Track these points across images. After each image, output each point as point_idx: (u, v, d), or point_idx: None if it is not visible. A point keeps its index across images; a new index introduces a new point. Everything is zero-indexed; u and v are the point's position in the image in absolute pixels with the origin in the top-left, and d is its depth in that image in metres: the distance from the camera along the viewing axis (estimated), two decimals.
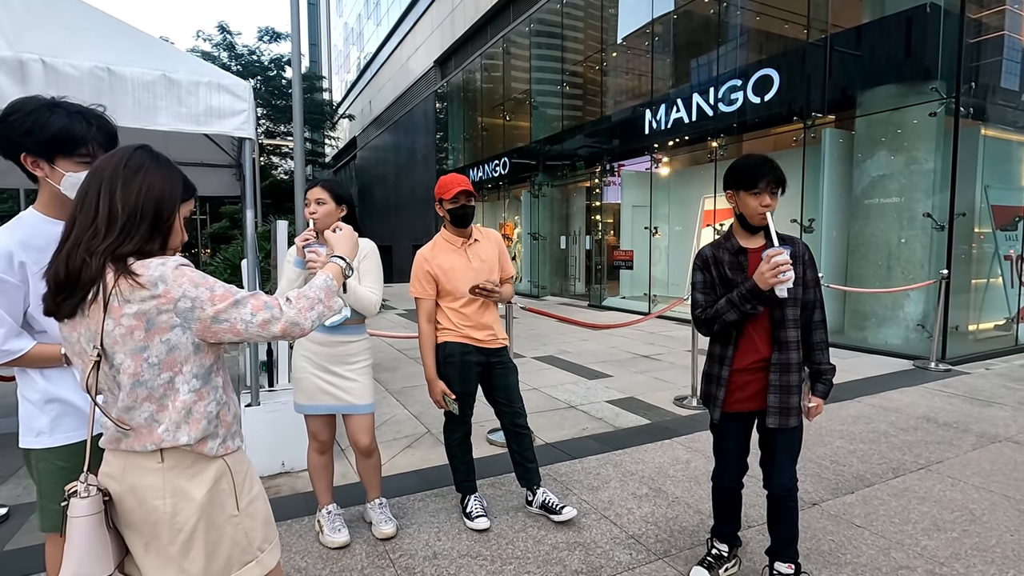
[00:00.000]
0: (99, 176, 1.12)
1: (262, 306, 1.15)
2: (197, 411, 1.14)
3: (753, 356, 1.94)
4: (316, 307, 1.21)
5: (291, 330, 1.17)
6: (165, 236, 1.17)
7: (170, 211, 1.17)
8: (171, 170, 1.19)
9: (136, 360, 1.09)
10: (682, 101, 9.21)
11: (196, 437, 1.14)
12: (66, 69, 2.56)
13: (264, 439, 3.19)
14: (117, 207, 1.10)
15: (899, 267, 6.46)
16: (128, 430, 1.12)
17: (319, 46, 48.25)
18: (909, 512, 2.68)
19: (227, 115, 2.98)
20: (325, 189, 2.37)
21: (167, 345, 1.10)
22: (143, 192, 1.12)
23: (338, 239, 1.45)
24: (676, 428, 3.90)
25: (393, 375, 5.67)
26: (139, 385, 1.10)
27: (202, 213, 32.68)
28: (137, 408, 1.11)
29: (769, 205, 1.86)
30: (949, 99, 6.00)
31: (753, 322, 1.93)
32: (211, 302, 1.11)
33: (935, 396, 4.65)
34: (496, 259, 2.63)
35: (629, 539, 2.46)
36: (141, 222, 1.12)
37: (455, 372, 2.53)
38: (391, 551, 2.37)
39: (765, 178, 1.84)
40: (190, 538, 1.13)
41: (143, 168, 1.14)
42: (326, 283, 1.27)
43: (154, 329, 1.09)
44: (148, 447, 1.12)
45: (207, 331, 1.12)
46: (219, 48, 25.95)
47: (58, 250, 1.11)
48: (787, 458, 1.99)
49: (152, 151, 1.18)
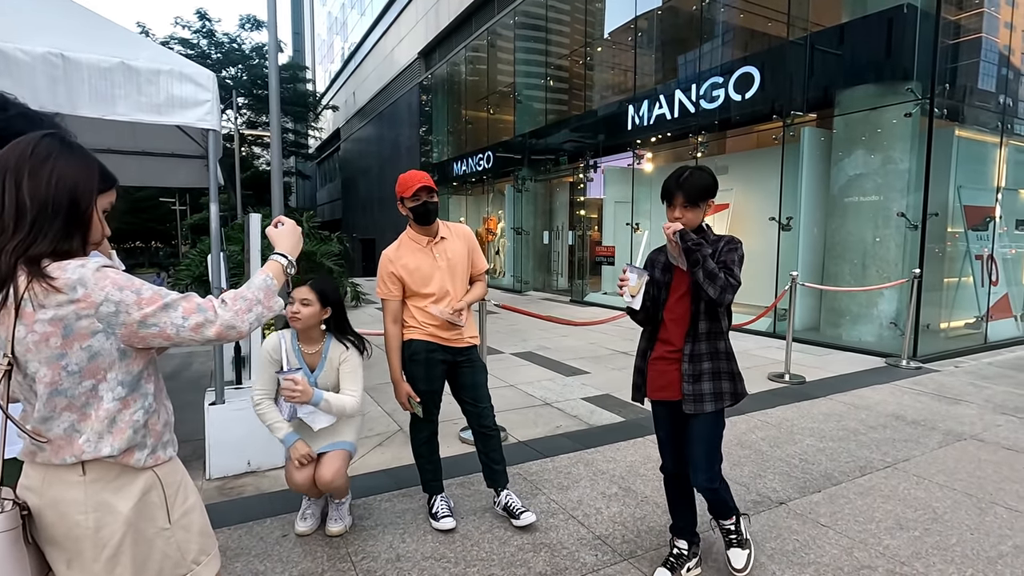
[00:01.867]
0: (3, 167, 1.02)
1: (195, 309, 1.08)
2: (122, 420, 1.08)
3: (667, 347, 2.08)
4: (255, 308, 1.15)
5: (227, 333, 1.11)
6: (84, 232, 1.08)
7: (87, 203, 1.08)
8: (85, 158, 1.09)
9: (53, 368, 1.02)
10: (665, 97, 9.21)
11: (120, 448, 1.07)
12: (16, 54, 2.45)
13: (229, 438, 3.13)
14: (25, 200, 1.01)
15: (874, 265, 6.54)
16: (44, 442, 1.05)
17: (302, 35, 47.52)
18: (874, 511, 2.70)
19: (190, 105, 2.88)
20: (313, 290, 2.32)
21: (88, 352, 1.03)
22: (53, 183, 1.03)
23: (279, 234, 1.36)
24: (650, 426, 3.86)
25: (369, 371, 5.58)
26: (57, 394, 1.03)
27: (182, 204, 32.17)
28: (56, 418, 1.05)
29: (679, 217, 2.00)
30: (924, 100, 6.07)
31: (672, 318, 2.07)
32: (137, 306, 1.04)
33: (905, 394, 4.72)
34: (465, 255, 2.57)
35: (596, 540, 2.45)
36: (54, 217, 1.03)
37: (420, 370, 2.49)
38: (353, 553, 2.33)
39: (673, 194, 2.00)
40: (115, 553, 1.08)
41: (51, 156, 1.04)
42: (265, 282, 1.20)
43: (72, 335, 1.02)
44: (68, 460, 1.05)
45: (134, 336, 1.06)
46: (198, 35, 25.43)
47: None
48: (701, 451, 2.04)
49: (63, 138, 1.08)
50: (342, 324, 2.44)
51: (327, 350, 2.41)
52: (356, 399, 2.36)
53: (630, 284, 1.99)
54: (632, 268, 2.02)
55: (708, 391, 2.00)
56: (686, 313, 2.04)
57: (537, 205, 13.92)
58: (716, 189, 2.04)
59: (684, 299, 2.04)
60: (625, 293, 2.00)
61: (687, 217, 2.00)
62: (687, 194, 1.98)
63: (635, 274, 2.01)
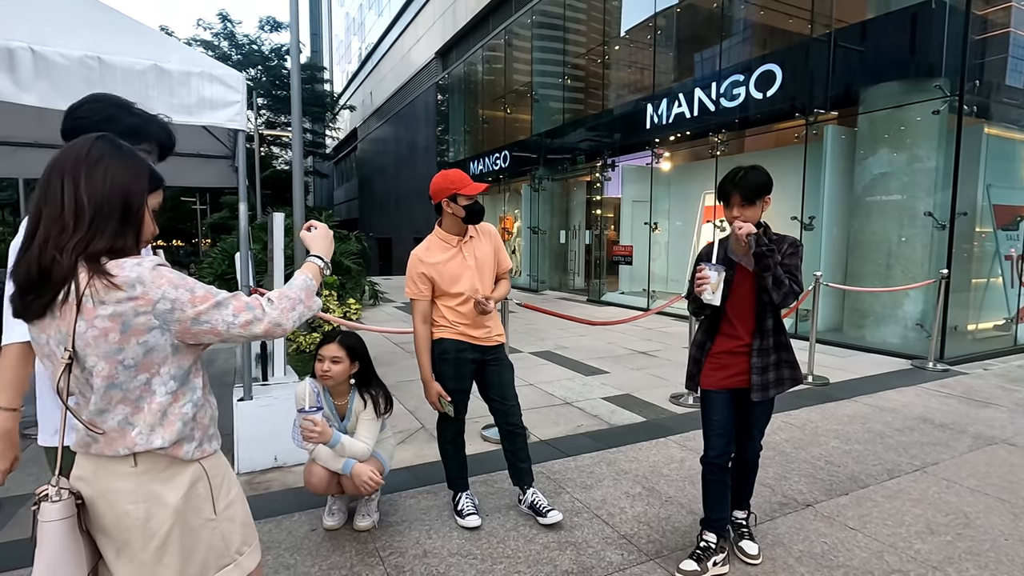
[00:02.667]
0: (60, 167, 1.06)
1: (244, 307, 1.12)
2: (172, 413, 1.11)
3: (733, 343, 2.19)
4: (297, 307, 1.19)
5: (273, 330, 1.15)
6: (137, 230, 1.13)
7: (139, 202, 1.12)
8: (135, 159, 1.14)
9: (110, 363, 1.05)
10: (684, 96, 9.14)
11: (171, 440, 1.11)
12: (55, 58, 2.52)
13: (257, 433, 3.18)
14: (83, 200, 1.05)
15: (899, 266, 6.43)
16: (99, 434, 1.08)
17: (320, 36, 47.96)
18: (903, 514, 2.66)
19: (220, 106, 2.94)
20: (343, 347, 2.36)
21: (144, 347, 1.07)
22: (108, 183, 1.07)
23: (313, 238, 1.41)
24: (671, 426, 3.89)
25: (389, 369, 5.65)
26: (113, 388, 1.07)
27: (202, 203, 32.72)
28: (111, 411, 1.08)
29: (738, 216, 2.10)
30: (952, 97, 5.95)
31: (738, 314, 2.17)
32: (191, 303, 1.08)
33: (932, 396, 4.64)
34: (492, 254, 2.59)
35: (621, 539, 2.45)
36: (110, 215, 1.07)
37: (450, 369, 2.51)
38: (381, 549, 2.36)
39: (730, 194, 2.12)
40: (163, 544, 1.11)
41: (105, 157, 1.09)
42: (306, 283, 1.25)
43: (130, 331, 1.05)
44: (120, 451, 1.09)
45: (187, 332, 1.10)
46: (219, 37, 25.82)
47: (24, 247, 1.06)
48: (760, 426, 2.28)
49: (114, 140, 1.13)
50: (368, 378, 2.50)
51: (352, 401, 2.48)
52: (368, 447, 2.41)
53: (711, 282, 2.05)
54: (711, 266, 2.07)
55: (773, 379, 2.16)
56: (751, 309, 2.14)
57: (554, 204, 13.90)
58: (771, 186, 2.11)
59: (748, 295, 2.14)
60: (706, 291, 2.05)
61: (745, 215, 2.09)
62: (743, 193, 2.07)
63: (715, 272, 2.06)
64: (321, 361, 2.35)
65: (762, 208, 2.13)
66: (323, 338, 2.42)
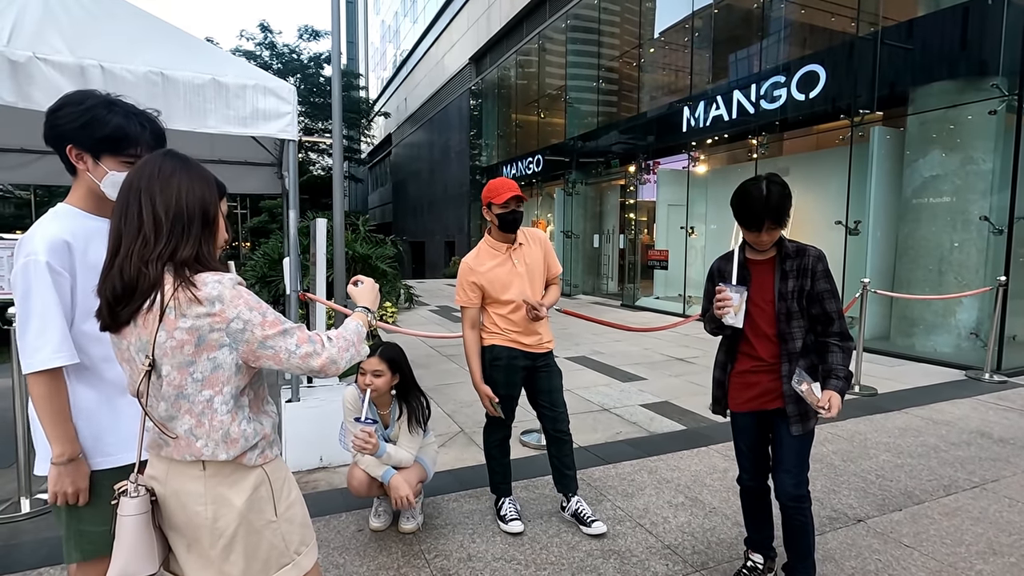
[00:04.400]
0: (136, 187, 1.13)
1: (307, 339, 1.19)
2: (234, 431, 1.16)
3: (753, 362, 2.02)
4: (350, 349, 1.26)
5: (329, 367, 1.20)
6: (213, 235, 1.20)
7: (214, 210, 1.19)
8: (202, 171, 1.20)
9: (182, 373, 1.11)
10: (722, 98, 8.99)
11: (235, 454, 1.16)
12: (123, 74, 2.66)
13: (303, 434, 3.27)
14: (160, 213, 1.11)
15: (951, 272, 6.17)
16: (172, 438, 1.15)
17: (356, 44, 48.98)
18: (962, 533, 2.56)
19: (272, 117, 3.05)
20: (383, 360, 2.42)
21: (213, 363, 1.12)
22: (183, 196, 1.14)
23: (360, 292, 1.50)
24: (712, 435, 3.82)
25: (426, 371, 5.72)
26: (182, 398, 1.13)
27: (242, 208, 33.75)
28: (178, 419, 1.14)
29: (766, 240, 1.93)
30: (1011, 96, 5.68)
31: (756, 332, 1.99)
32: (262, 327, 1.13)
33: (989, 409, 4.43)
34: (542, 260, 2.59)
35: (665, 549, 2.42)
36: (190, 225, 1.13)
37: (501, 375, 2.52)
38: (426, 551, 2.39)
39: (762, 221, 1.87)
40: (230, 543, 1.16)
41: (176, 172, 1.15)
42: (358, 329, 1.32)
43: (204, 345, 1.10)
44: (188, 457, 1.15)
45: (251, 354, 1.15)
46: (261, 47, 26.63)
47: (107, 265, 1.12)
48: (792, 460, 1.96)
49: (180, 155, 1.19)
50: (408, 388, 2.55)
51: (394, 410, 2.54)
52: (412, 456, 2.47)
53: (734, 304, 1.93)
54: (731, 287, 1.96)
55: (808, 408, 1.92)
56: (771, 330, 1.97)
57: (587, 208, 13.84)
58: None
59: (761, 315, 1.97)
60: (728, 313, 1.94)
61: (772, 236, 1.92)
62: (776, 217, 1.87)
63: (737, 294, 1.95)
64: (363, 375, 2.40)
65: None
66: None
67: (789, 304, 1.92)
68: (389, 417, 2.54)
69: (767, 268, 1.97)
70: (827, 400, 1.84)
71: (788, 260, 1.95)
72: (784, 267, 1.95)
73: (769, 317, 1.95)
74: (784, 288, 1.93)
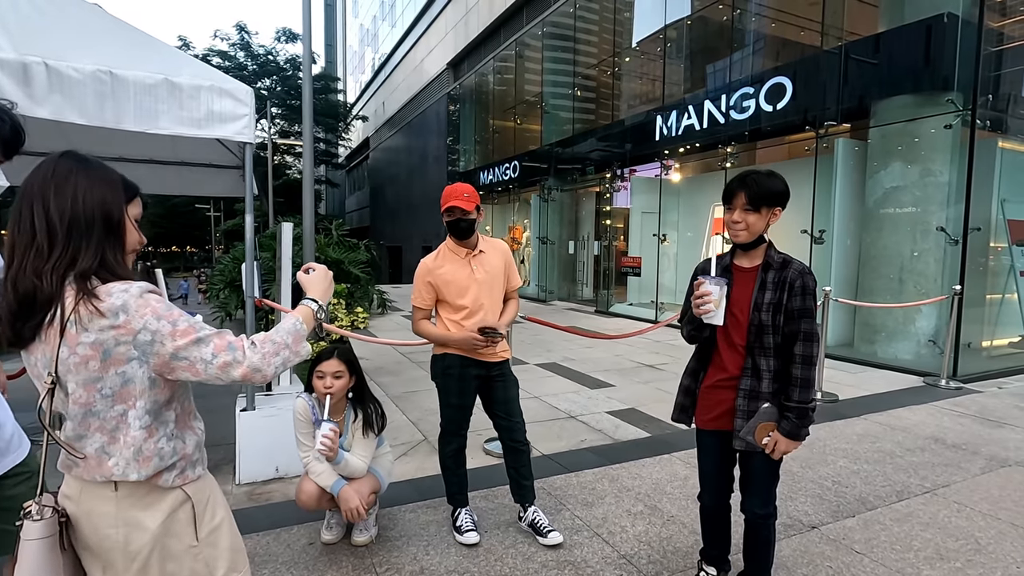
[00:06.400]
0: (28, 193, 1.05)
1: (225, 347, 1.08)
2: (147, 449, 1.09)
3: (721, 374, 1.93)
4: (281, 352, 1.14)
5: (252, 376, 1.10)
6: (120, 242, 1.11)
7: (118, 214, 1.10)
8: (105, 171, 1.11)
9: (89, 390, 1.05)
10: (694, 107, 9.13)
11: (147, 474, 1.10)
12: (69, 72, 2.57)
13: (258, 444, 3.19)
14: (55, 220, 1.03)
15: (911, 280, 6.34)
16: (80, 458, 1.08)
17: (334, 47, 48.61)
18: (912, 539, 2.60)
19: (229, 119, 2.98)
20: (343, 362, 2.37)
21: (122, 378, 1.06)
22: (81, 198, 1.05)
23: (311, 280, 1.35)
24: (676, 443, 3.84)
25: (396, 379, 5.65)
26: (91, 415, 1.06)
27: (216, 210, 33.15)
28: (88, 437, 1.08)
29: (738, 221, 1.84)
30: (965, 111, 5.88)
31: (728, 342, 1.91)
32: (172, 337, 1.05)
33: (944, 415, 4.55)
34: (501, 271, 2.57)
35: (621, 559, 2.41)
36: (88, 231, 1.05)
37: (454, 384, 2.50)
38: (378, 564, 2.34)
39: (734, 193, 1.85)
40: (144, 566, 1.11)
41: (72, 173, 1.07)
42: (295, 327, 1.18)
43: (110, 360, 1.04)
44: (98, 478, 1.09)
45: (165, 366, 1.07)
46: (236, 48, 26.25)
47: (3, 279, 1.05)
48: (761, 483, 1.93)
49: (79, 156, 1.10)
50: (362, 391, 2.50)
51: (348, 417, 2.48)
52: (365, 465, 2.42)
53: (714, 298, 1.77)
54: (711, 279, 1.80)
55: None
56: (742, 341, 1.87)
57: (563, 214, 13.91)
58: (785, 198, 1.85)
59: (739, 326, 1.87)
60: (709, 309, 1.78)
61: (747, 221, 1.82)
62: (750, 195, 1.79)
63: (717, 287, 1.79)
64: (322, 377, 2.33)
65: (768, 220, 1.84)
66: (319, 354, 2.40)
67: (763, 317, 1.82)
68: (344, 423, 2.48)
69: (750, 277, 1.88)
70: (772, 444, 1.83)
71: (771, 271, 1.85)
72: (765, 277, 1.85)
73: (742, 329, 1.86)
74: (760, 299, 1.83)
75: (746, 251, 1.92)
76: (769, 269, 1.86)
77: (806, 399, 1.82)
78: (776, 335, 1.83)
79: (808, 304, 1.82)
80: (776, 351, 1.85)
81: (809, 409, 1.83)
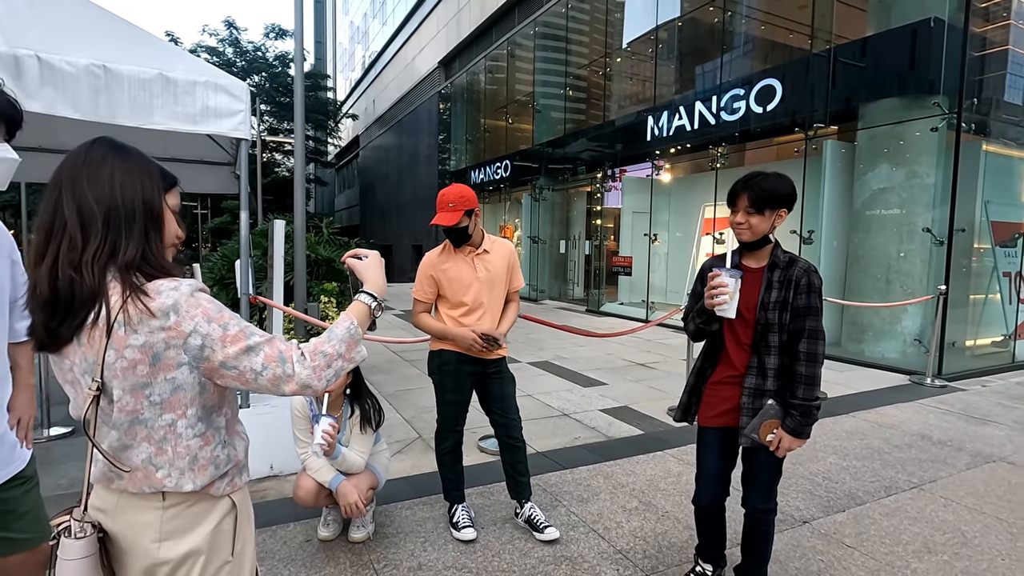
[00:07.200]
0: (57, 181, 0.96)
1: (276, 358, 0.99)
2: (203, 457, 1.02)
3: (728, 371, 1.96)
4: (334, 364, 1.03)
5: (302, 392, 1.02)
6: (159, 233, 1.03)
7: (158, 202, 1.02)
8: (141, 159, 1.03)
9: (137, 397, 0.96)
10: (685, 108, 9.20)
11: (202, 484, 1.02)
12: (62, 66, 2.54)
13: (254, 441, 3.13)
14: (91, 208, 0.94)
15: (898, 281, 6.44)
16: (126, 471, 1.00)
17: (324, 44, 48.25)
18: (900, 533, 2.65)
19: (224, 115, 2.96)
20: None
21: (172, 384, 0.97)
22: (116, 185, 0.97)
23: (365, 267, 1.18)
24: (669, 439, 3.88)
25: (388, 378, 5.64)
26: (138, 423, 0.98)
27: (203, 208, 32.82)
28: (134, 447, 0.99)
29: (742, 223, 1.87)
30: (951, 114, 5.99)
31: (735, 341, 1.93)
32: (222, 343, 0.96)
33: (930, 413, 4.63)
34: (504, 271, 2.56)
35: (617, 554, 2.44)
36: (129, 221, 0.97)
37: (450, 381, 2.51)
38: (375, 561, 2.35)
39: (738, 195, 1.87)
40: None
41: (107, 159, 0.99)
42: (348, 332, 1.06)
43: (159, 365, 0.95)
44: (146, 489, 1.01)
45: (214, 373, 0.99)
46: (224, 43, 25.97)
47: (33, 275, 0.96)
48: (763, 479, 1.96)
49: (114, 142, 1.02)
50: (360, 387, 2.51)
51: (346, 413, 2.49)
52: (363, 461, 2.43)
53: (729, 290, 1.76)
54: (726, 271, 1.78)
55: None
56: (748, 340, 1.89)
57: (554, 214, 13.94)
58: (791, 201, 1.86)
59: (746, 324, 1.89)
60: (724, 300, 1.78)
61: (750, 223, 1.83)
62: (752, 197, 1.80)
63: (732, 279, 1.77)
64: None
65: (773, 222, 1.85)
66: None
67: (769, 315, 1.84)
68: (341, 419, 2.48)
69: (757, 278, 1.90)
70: (776, 441, 1.85)
71: (776, 270, 1.88)
72: (771, 276, 1.88)
73: (749, 328, 1.88)
74: (767, 298, 1.85)
75: (753, 251, 1.95)
76: (775, 268, 1.89)
77: (810, 396, 1.84)
78: (782, 333, 1.86)
79: (813, 302, 1.84)
80: (781, 349, 1.87)
81: (814, 407, 1.84)
